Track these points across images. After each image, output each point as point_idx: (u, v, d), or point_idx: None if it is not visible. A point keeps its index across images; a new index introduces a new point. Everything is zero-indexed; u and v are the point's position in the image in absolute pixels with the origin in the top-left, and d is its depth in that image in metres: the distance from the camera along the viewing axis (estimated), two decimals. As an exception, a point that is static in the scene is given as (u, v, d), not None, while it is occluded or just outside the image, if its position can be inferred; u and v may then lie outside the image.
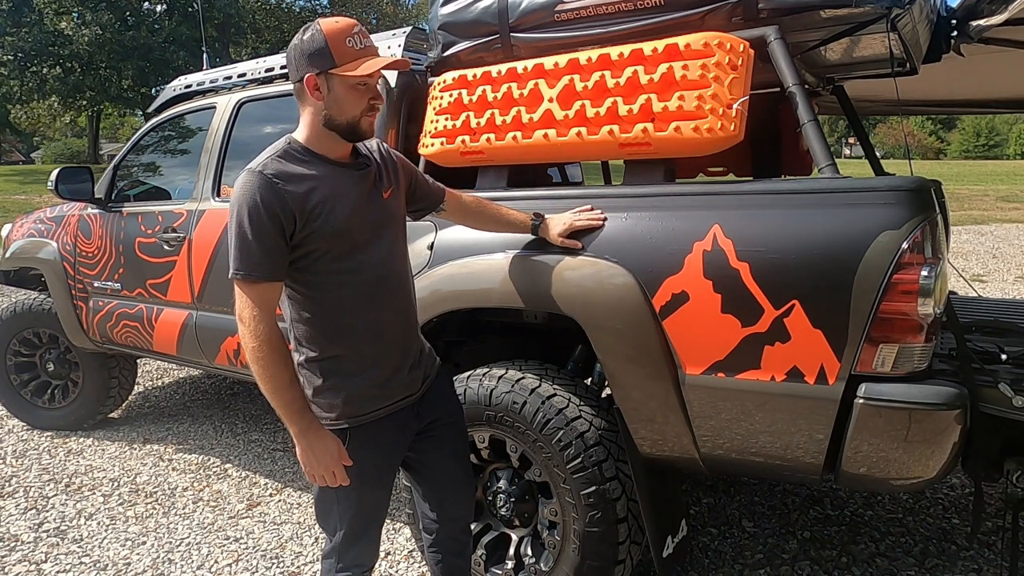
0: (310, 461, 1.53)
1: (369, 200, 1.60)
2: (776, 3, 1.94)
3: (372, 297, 1.59)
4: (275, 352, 1.47)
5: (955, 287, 4.57)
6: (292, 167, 1.51)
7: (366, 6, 31.98)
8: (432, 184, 1.87)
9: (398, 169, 1.74)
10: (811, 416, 1.75)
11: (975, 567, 2.52)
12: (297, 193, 1.47)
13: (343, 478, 1.56)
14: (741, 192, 1.89)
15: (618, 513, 2.03)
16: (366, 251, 1.57)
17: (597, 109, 2.04)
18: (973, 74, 3.00)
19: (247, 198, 1.45)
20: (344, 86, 1.49)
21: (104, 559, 2.70)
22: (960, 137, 63.57)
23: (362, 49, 1.50)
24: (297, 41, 1.52)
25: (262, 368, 1.47)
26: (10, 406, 4.07)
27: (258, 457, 3.61)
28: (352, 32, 1.49)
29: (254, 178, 1.46)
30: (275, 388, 1.48)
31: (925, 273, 1.60)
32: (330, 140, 1.55)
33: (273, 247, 1.46)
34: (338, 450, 1.55)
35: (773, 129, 3.04)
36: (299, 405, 1.51)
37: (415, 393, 1.71)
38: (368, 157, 1.66)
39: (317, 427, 1.54)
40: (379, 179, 1.65)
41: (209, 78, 3.41)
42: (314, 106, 1.52)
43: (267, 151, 1.55)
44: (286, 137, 1.58)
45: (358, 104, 1.51)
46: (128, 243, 3.33)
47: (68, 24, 22.98)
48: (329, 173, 1.54)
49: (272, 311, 1.49)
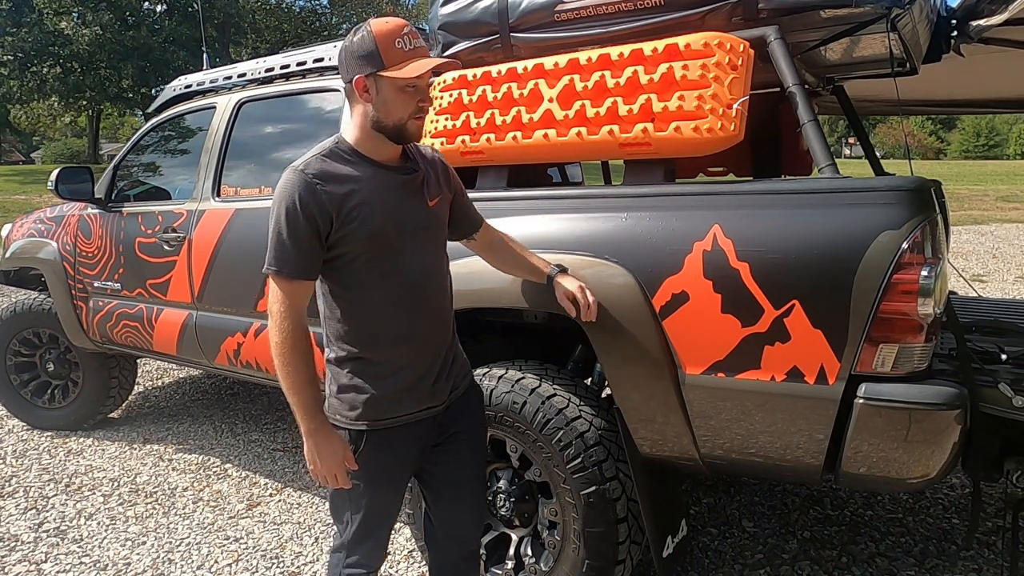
0: (314, 460, 1.54)
1: (412, 205, 1.59)
2: (776, 3, 1.94)
3: (405, 302, 1.57)
4: (296, 349, 1.49)
5: (955, 287, 4.57)
6: (335, 167, 1.51)
7: (366, 6, 31.98)
8: (473, 211, 1.85)
9: (449, 181, 1.73)
10: (811, 416, 1.75)
11: (975, 567, 2.52)
12: (336, 194, 1.48)
13: (344, 481, 1.56)
14: (741, 192, 1.89)
15: (618, 513, 2.03)
16: (404, 256, 1.56)
17: (597, 109, 2.04)
18: (973, 74, 3.00)
19: (286, 196, 1.47)
20: (393, 88, 1.48)
21: (104, 559, 2.70)
22: (960, 137, 63.58)
23: (411, 50, 1.48)
24: (347, 43, 1.51)
25: (282, 363, 1.49)
26: (10, 406, 4.07)
27: (258, 457, 3.61)
28: (402, 33, 1.48)
29: (295, 177, 1.48)
30: (292, 384, 1.50)
31: (925, 273, 1.60)
32: (378, 142, 1.55)
33: (307, 246, 1.47)
34: (343, 453, 1.55)
35: (773, 129, 3.04)
36: (312, 405, 1.52)
37: (440, 404, 1.68)
38: (417, 161, 1.64)
39: (327, 429, 1.54)
40: (426, 185, 1.63)
41: (209, 78, 3.41)
42: (363, 107, 1.52)
43: (315, 148, 1.56)
44: (336, 136, 1.59)
45: (406, 107, 1.50)
46: (128, 243, 3.33)
47: (68, 24, 22.98)
48: (373, 175, 1.54)
49: (300, 308, 1.51)
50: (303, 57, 2.97)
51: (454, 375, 1.73)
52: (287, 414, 4.22)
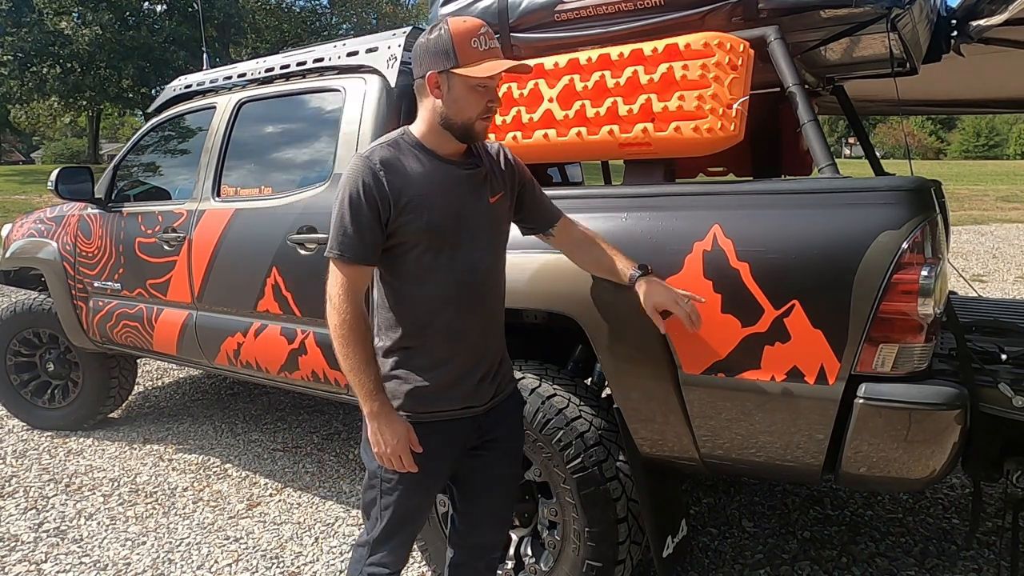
0: (378, 443, 1.54)
1: (472, 201, 1.59)
2: (776, 3, 1.94)
3: (456, 299, 1.57)
4: (354, 332, 1.50)
5: (955, 287, 4.57)
6: (399, 158, 1.53)
7: (366, 6, 31.99)
8: (547, 205, 1.81)
9: (514, 175, 1.71)
10: (811, 416, 1.75)
11: (975, 567, 2.52)
12: (396, 184, 1.50)
13: (410, 463, 1.55)
14: (741, 192, 1.89)
15: (618, 513, 2.03)
16: (459, 252, 1.56)
17: (597, 109, 2.04)
18: (973, 74, 3.00)
19: (350, 182, 1.50)
20: (464, 86, 1.49)
21: (104, 559, 2.70)
22: (960, 137, 63.58)
23: (486, 51, 1.49)
24: (423, 39, 1.52)
25: (341, 346, 1.51)
26: (10, 406, 4.07)
27: (258, 457, 3.61)
28: (478, 33, 1.48)
29: (360, 163, 1.51)
30: (351, 367, 1.52)
31: (925, 273, 1.60)
32: (443, 137, 1.55)
33: (367, 232, 1.49)
34: (406, 435, 1.55)
35: (773, 129, 3.04)
36: (372, 386, 1.52)
37: (480, 405, 1.66)
38: (480, 157, 1.64)
39: (388, 410, 1.55)
40: (488, 181, 1.63)
41: (209, 78, 3.40)
42: (433, 104, 1.53)
43: (381, 139, 1.58)
44: (403, 128, 1.61)
45: (476, 106, 1.51)
46: (128, 243, 3.33)
47: (68, 24, 22.97)
48: (435, 169, 1.55)
49: (358, 293, 1.52)
50: (303, 57, 2.97)
51: (499, 378, 1.71)
52: (287, 414, 4.22)
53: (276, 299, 2.75)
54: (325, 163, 2.72)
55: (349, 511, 3.02)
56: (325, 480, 3.31)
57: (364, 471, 1.61)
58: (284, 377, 2.86)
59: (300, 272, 2.67)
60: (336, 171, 2.64)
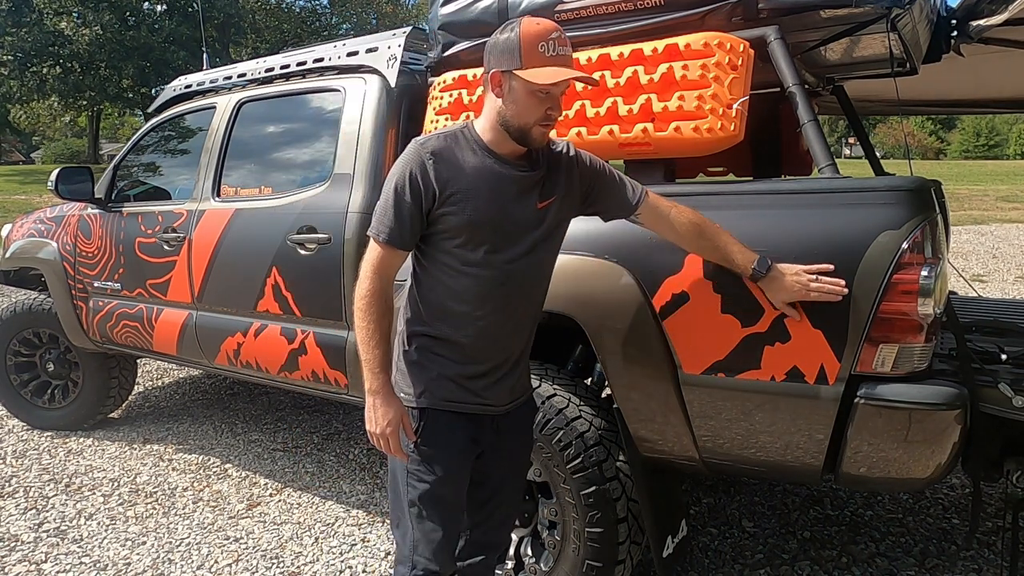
0: (370, 420, 1.55)
1: (519, 204, 1.56)
2: (776, 3, 1.94)
3: (488, 296, 1.56)
4: (372, 307, 1.52)
5: (955, 287, 4.57)
6: (453, 150, 1.53)
7: (366, 6, 31.98)
8: (625, 191, 1.71)
9: (574, 179, 1.65)
10: (811, 416, 1.75)
11: (975, 567, 2.52)
12: (443, 175, 1.50)
13: (396, 448, 1.56)
14: (741, 192, 1.89)
15: (618, 513, 2.03)
16: (498, 251, 1.54)
17: (597, 109, 2.05)
18: (973, 74, 3.00)
19: (401, 166, 1.52)
20: (524, 90, 1.47)
21: (104, 559, 2.70)
22: (960, 137, 63.56)
23: (553, 57, 1.46)
24: (496, 35, 1.52)
25: (358, 318, 1.54)
26: (10, 406, 4.06)
27: (258, 457, 3.61)
28: (548, 37, 1.46)
29: (413, 149, 1.53)
30: (362, 339, 1.53)
31: (925, 273, 1.60)
32: (502, 137, 1.54)
33: (407, 219, 1.51)
34: (399, 419, 1.55)
35: (773, 129, 3.04)
36: (377, 364, 1.53)
37: (501, 406, 1.65)
38: (538, 161, 1.60)
39: (387, 391, 1.55)
40: (541, 186, 1.59)
41: (209, 78, 3.41)
42: (494, 103, 1.53)
43: (445, 128, 1.60)
44: (467, 121, 1.62)
45: (534, 112, 1.49)
46: (128, 243, 3.33)
47: (68, 24, 22.98)
48: (488, 167, 1.54)
49: (387, 276, 1.54)
50: (303, 57, 2.97)
51: (520, 382, 1.70)
52: (287, 414, 4.22)
53: (276, 299, 2.75)
54: (325, 163, 2.72)
55: (349, 511, 3.02)
56: (325, 480, 3.31)
57: (363, 471, 1.60)
58: (284, 377, 2.86)
59: (300, 272, 2.67)
60: (336, 171, 2.64)
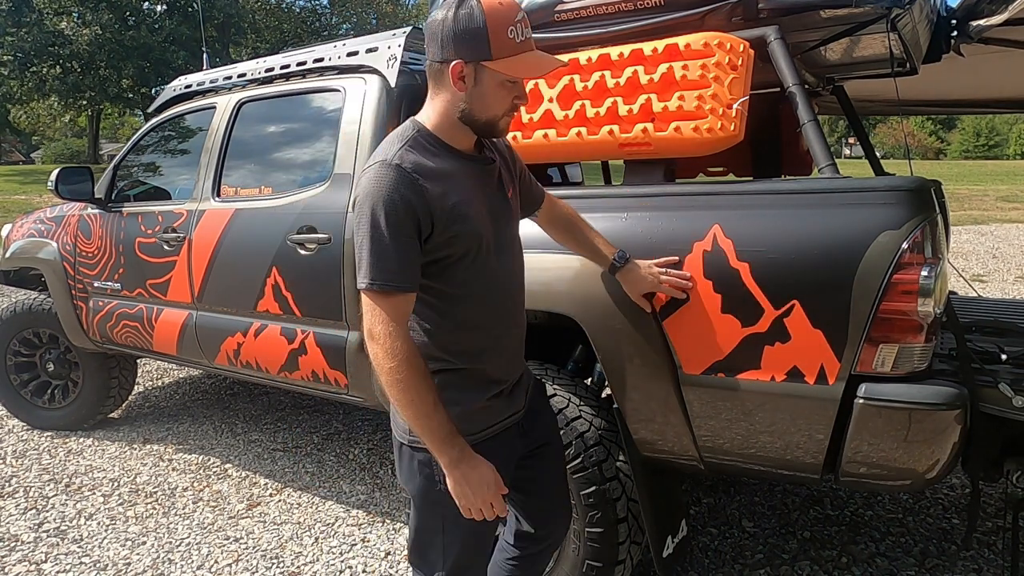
0: (465, 494, 1.34)
1: (496, 198, 1.45)
2: (776, 3, 1.94)
3: (498, 311, 1.45)
4: (416, 372, 1.29)
5: (955, 287, 4.57)
6: (426, 160, 1.32)
7: (366, 6, 32.00)
8: (535, 187, 1.69)
9: (515, 164, 1.57)
10: (811, 416, 1.75)
11: (975, 567, 2.52)
12: (436, 192, 1.30)
13: (501, 508, 1.37)
14: (741, 192, 1.89)
15: (618, 513, 2.03)
16: (496, 258, 1.42)
17: (597, 109, 2.04)
18: (973, 74, 3.00)
19: (384, 195, 1.26)
20: (494, 82, 1.30)
21: (104, 559, 2.70)
22: (960, 137, 63.57)
23: (523, 41, 1.30)
24: (448, 14, 1.29)
25: (402, 392, 1.29)
26: (10, 406, 4.06)
27: (258, 457, 3.61)
28: (515, 20, 1.28)
29: (391, 173, 1.27)
30: (419, 414, 1.30)
31: (925, 273, 1.60)
32: (460, 131, 1.38)
33: (412, 254, 1.29)
34: (495, 478, 1.36)
35: (773, 129, 3.04)
36: (447, 431, 1.32)
37: (520, 410, 1.57)
38: (492, 150, 1.49)
39: (470, 454, 1.34)
40: (501, 175, 1.49)
41: (209, 78, 3.41)
42: (452, 95, 1.33)
43: (392, 138, 1.36)
44: (411, 121, 1.39)
45: (503, 103, 1.34)
46: (128, 243, 3.33)
47: (68, 24, 23.01)
48: (461, 169, 1.37)
49: (407, 325, 1.32)
50: (303, 57, 2.97)
51: (525, 380, 1.62)
52: (287, 414, 4.22)
53: (276, 299, 2.75)
54: (325, 163, 2.72)
55: (349, 511, 3.02)
56: (325, 480, 3.31)
57: (363, 471, 1.56)
58: (284, 377, 2.86)
59: (300, 272, 2.67)
60: (336, 171, 2.64)
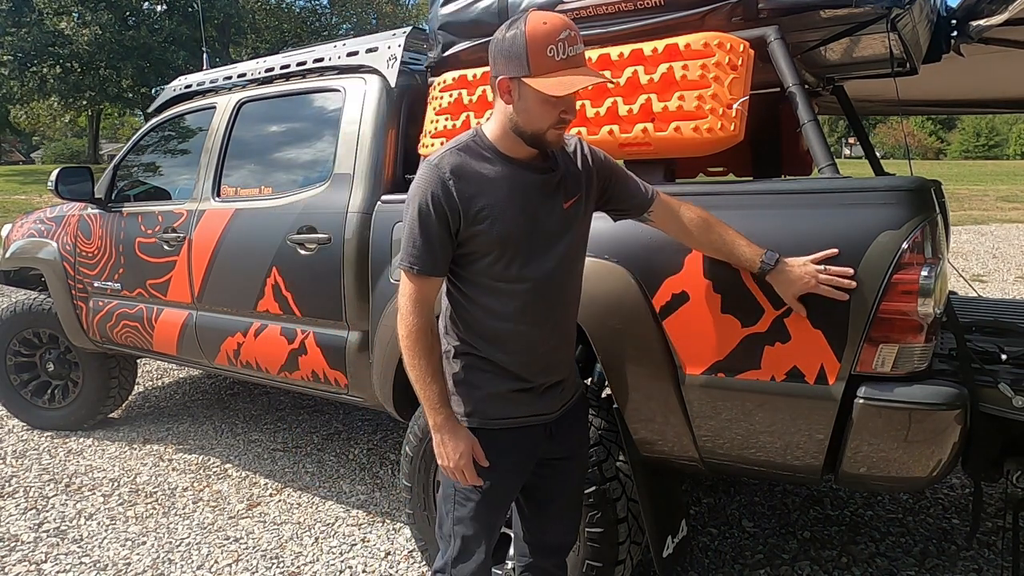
0: (441, 455, 1.52)
1: (546, 207, 1.51)
2: (776, 3, 1.94)
3: (527, 310, 1.52)
4: (421, 344, 1.48)
5: (955, 287, 4.57)
6: (470, 163, 1.47)
7: (366, 6, 31.99)
8: (636, 191, 1.70)
9: (591, 174, 1.61)
10: (811, 416, 1.75)
11: (975, 567, 2.52)
12: (466, 192, 1.44)
13: (473, 477, 1.52)
14: (741, 192, 1.89)
15: (618, 513, 2.03)
16: (531, 261, 1.50)
17: (597, 109, 2.04)
18: (973, 74, 3.00)
19: (420, 192, 1.45)
20: (536, 97, 1.39)
21: (104, 559, 2.70)
22: (960, 137, 63.55)
23: (563, 60, 1.37)
24: (499, 35, 1.43)
25: (408, 356, 1.49)
26: (10, 406, 4.07)
27: (258, 457, 3.61)
28: (557, 39, 1.36)
29: (429, 172, 1.45)
30: (416, 378, 1.50)
31: (925, 273, 1.60)
32: (516, 142, 1.48)
33: (437, 243, 1.46)
34: (470, 448, 1.52)
35: (773, 129, 3.04)
36: (437, 399, 1.50)
37: (549, 413, 1.61)
38: (555, 160, 1.55)
39: (453, 423, 1.52)
40: (563, 185, 1.54)
41: (209, 78, 3.41)
42: (504, 108, 1.46)
43: (453, 141, 1.51)
44: (474, 128, 1.54)
45: (547, 118, 1.42)
46: (128, 243, 3.33)
47: (68, 24, 22.99)
48: (508, 175, 1.48)
49: (429, 305, 1.50)
50: (303, 57, 2.97)
51: (566, 388, 1.65)
52: (287, 414, 4.22)
53: (276, 299, 2.75)
54: (325, 163, 2.72)
55: (349, 511, 3.02)
56: (325, 480, 3.31)
57: (363, 471, 1.60)
58: (284, 377, 2.86)
59: (300, 272, 2.67)
60: (336, 171, 2.64)
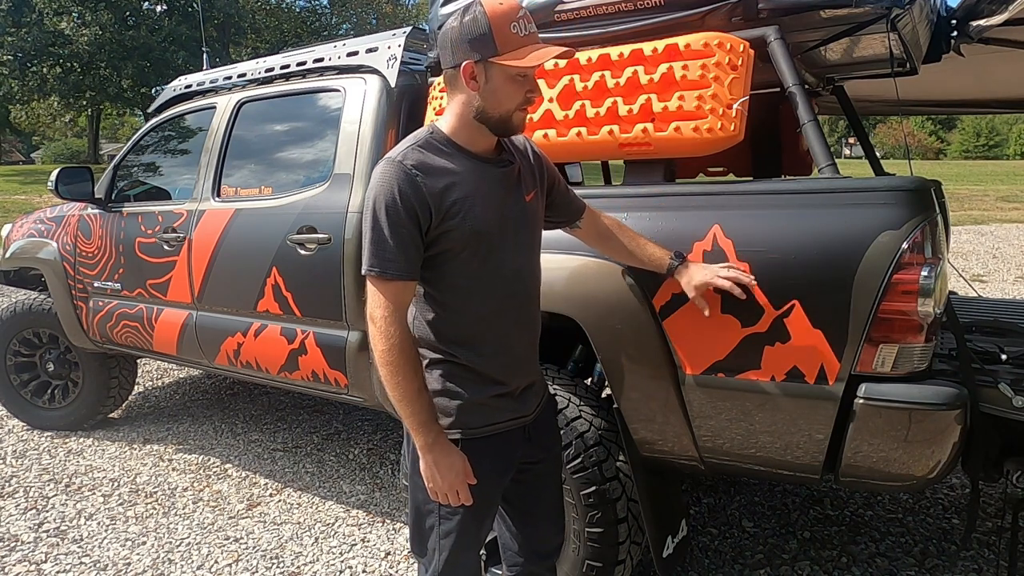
0: (433, 477, 1.43)
1: (511, 200, 1.49)
2: (776, 3, 1.94)
3: (501, 305, 1.48)
4: (405, 357, 1.39)
5: (955, 287, 4.57)
6: (433, 159, 1.41)
7: (366, 6, 32.01)
8: (573, 198, 1.74)
9: (543, 172, 1.62)
10: (811, 416, 1.75)
11: (975, 567, 2.52)
12: (436, 187, 1.38)
13: (466, 497, 1.45)
14: (741, 192, 1.89)
15: (618, 513, 2.03)
16: (503, 255, 1.46)
17: (597, 109, 2.05)
18: (973, 74, 3.00)
19: (385, 190, 1.36)
20: (503, 77, 1.37)
21: (104, 559, 2.70)
22: (960, 137, 63.53)
23: (527, 36, 1.36)
24: (455, 23, 1.38)
25: (391, 373, 1.39)
26: (10, 406, 4.06)
27: (258, 457, 3.61)
28: (517, 16, 1.36)
29: (393, 168, 1.38)
30: (402, 396, 1.40)
31: (925, 273, 1.60)
32: (477, 133, 1.44)
33: (409, 243, 1.38)
34: (463, 467, 1.44)
35: (773, 129, 3.04)
36: (426, 416, 1.41)
37: (528, 415, 1.57)
38: (512, 153, 1.53)
39: (443, 441, 1.43)
40: (522, 178, 1.53)
41: (209, 78, 3.41)
42: (466, 96, 1.41)
43: (407, 139, 1.45)
44: (429, 126, 1.48)
45: (515, 97, 1.39)
46: (128, 243, 3.33)
47: (68, 24, 23.00)
48: (471, 169, 1.43)
49: (405, 312, 1.42)
50: (303, 57, 2.97)
51: (539, 387, 1.63)
52: (287, 414, 4.22)
53: (276, 299, 2.75)
54: (325, 163, 2.72)
55: (349, 511, 3.02)
56: (325, 480, 3.31)
57: (363, 471, 1.58)
58: (284, 377, 2.86)
59: (300, 272, 2.67)
60: (336, 171, 2.64)
